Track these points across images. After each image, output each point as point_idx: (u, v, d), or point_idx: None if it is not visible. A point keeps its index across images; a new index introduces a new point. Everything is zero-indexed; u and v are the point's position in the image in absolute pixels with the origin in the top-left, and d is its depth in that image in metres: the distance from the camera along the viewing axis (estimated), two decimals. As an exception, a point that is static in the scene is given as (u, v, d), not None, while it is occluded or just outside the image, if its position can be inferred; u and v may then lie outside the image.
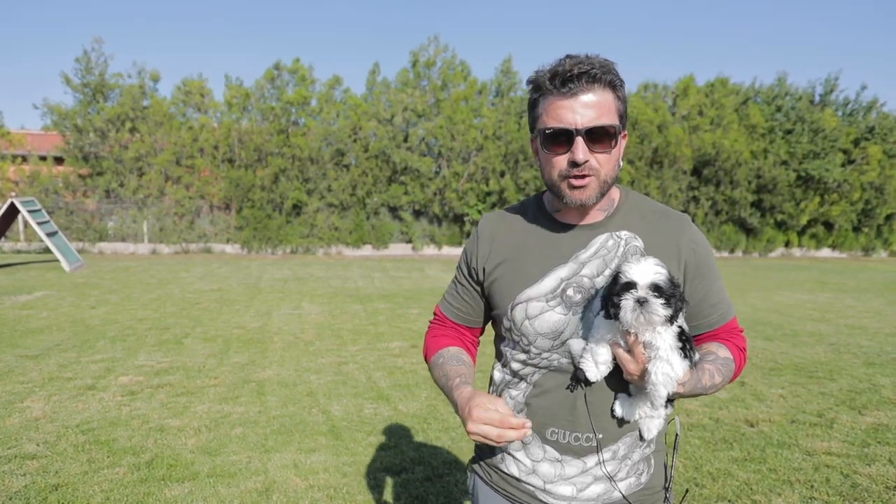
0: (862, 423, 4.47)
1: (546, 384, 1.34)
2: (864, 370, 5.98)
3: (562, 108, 1.23)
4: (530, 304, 1.33)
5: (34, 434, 4.10)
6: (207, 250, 20.91)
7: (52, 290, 10.82)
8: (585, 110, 1.22)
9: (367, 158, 21.00)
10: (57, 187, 20.26)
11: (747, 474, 3.62)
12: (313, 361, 6.19)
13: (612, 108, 1.25)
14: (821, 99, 23.63)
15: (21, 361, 5.96)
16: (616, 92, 1.26)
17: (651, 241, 1.33)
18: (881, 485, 3.47)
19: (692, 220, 1.37)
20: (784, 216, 23.07)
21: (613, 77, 1.24)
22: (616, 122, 1.25)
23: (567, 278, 1.32)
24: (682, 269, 1.32)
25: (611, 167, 1.28)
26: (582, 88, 1.22)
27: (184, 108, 20.88)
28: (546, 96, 1.26)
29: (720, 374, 1.28)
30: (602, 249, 1.33)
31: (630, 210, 1.38)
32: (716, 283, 1.36)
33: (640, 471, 1.37)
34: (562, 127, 1.23)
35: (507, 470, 1.41)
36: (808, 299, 11.11)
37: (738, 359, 1.35)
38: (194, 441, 4.04)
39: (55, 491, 3.31)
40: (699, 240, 1.35)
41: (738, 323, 1.42)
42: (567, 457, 1.33)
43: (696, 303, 1.34)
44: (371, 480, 3.54)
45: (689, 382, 1.23)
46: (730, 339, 1.37)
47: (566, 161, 1.25)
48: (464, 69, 21.88)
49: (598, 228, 1.35)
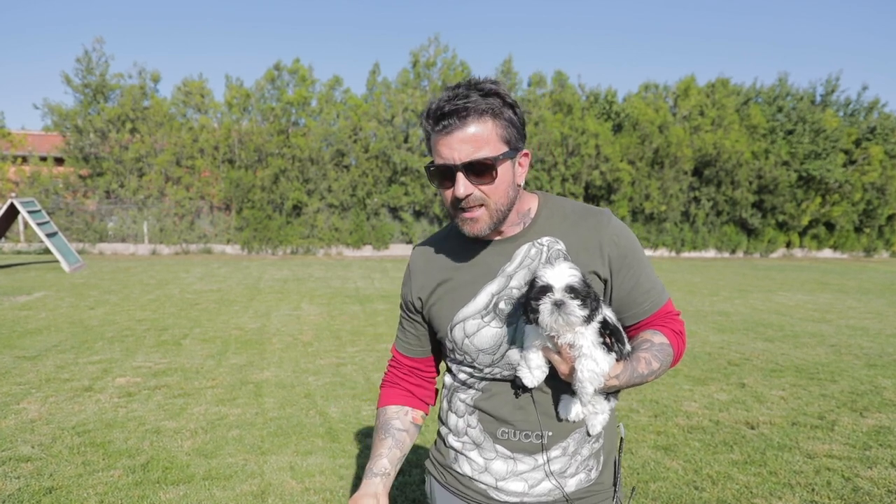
0: (863, 425, 4.44)
1: (493, 389, 1.38)
2: (866, 372, 5.95)
3: (441, 145, 1.24)
4: (467, 322, 1.36)
5: (29, 436, 4.08)
6: (207, 251, 20.89)
7: (51, 291, 10.80)
8: (462, 146, 1.22)
9: (367, 159, 20.98)
10: (57, 188, 20.26)
11: (747, 477, 3.59)
12: (311, 363, 6.16)
13: (493, 136, 1.24)
14: (822, 99, 23.59)
15: (18, 362, 5.94)
16: (497, 119, 1.24)
17: (572, 241, 1.35)
18: (883, 488, 3.43)
19: (614, 215, 1.39)
20: (785, 217, 23.03)
21: (491, 104, 1.23)
22: (496, 152, 1.24)
23: (497, 292, 1.34)
24: (607, 263, 1.33)
25: (500, 195, 1.28)
26: (455, 125, 1.22)
27: (184, 109, 20.88)
28: (430, 134, 1.27)
29: (657, 360, 1.30)
30: (526, 259, 1.35)
31: (549, 216, 1.39)
32: (644, 270, 1.37)
33: (590, 467, 1.39)
34: (442, 163, 1.25)
35: (460, 469, 1.44)
36: (809, 300, 11.07)
37: (676, 343, 1.37)
38: (190, 443, 4.02)
39: (49, 494, 3.28)
40: (621, 232, 1.36)
41: (674, 306, 1.43)
42: (518, 454, 1.36)
43: (627, 292, 1.35)
44: (368, 483, 3.51)
45: (623, 373, 1.25)
46: (665, 324, 1.39)
47: (452, 195, 1.28)
48: (464, 69, 21.86)
49: (519, 239, 1.37)
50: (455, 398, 1.45)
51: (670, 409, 4.79)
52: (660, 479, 3.56)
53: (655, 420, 4.54)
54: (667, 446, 4.04)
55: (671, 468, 3.70)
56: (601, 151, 21.18)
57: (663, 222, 22.66)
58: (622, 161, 21.51)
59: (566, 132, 21.05)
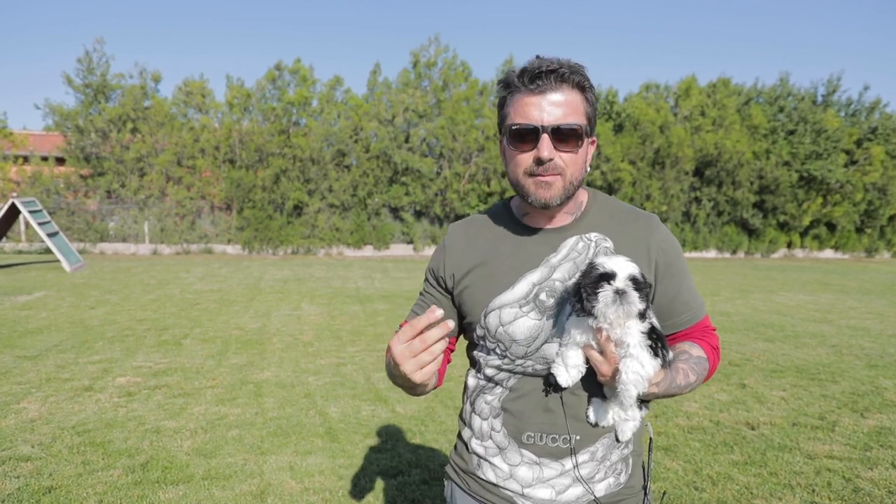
0: (864, 426, 4.43)
1: (522, 388, 1.33)
2: (867, 372, 5.93)
3: (529, 105, 1.22)
4: (504, 310, 1.32)
5: (29, 436, 4.08)
6: (208, 251, 20.90)
7: (51, 291, 10.81)
8: (553, 108, 1.21)
9: (368, 159, 20.99)
10: (58, 188, 20.28)
11: (748, 478, 3.58)
12: (312, 363, 6.16)
13: (580, 108, 1.24)
14: (823, 99, 23.56)
15: (19, 362, 5.94)
16: (585, 94, 1.25)
17: (621, 241, 1.33)
18: (883, 489, 3.43)
19: (662, 220, 1.38)
20: (786, 217, 23.01)
21: (582, 79, 1.24)
22: (583, 122, 1.24)
23: (539, 282, 1.31)
24: (652, 268, 1.31)
25: (577, 168, 1.26)
26: (550, 86, 1.21)
27: (185, 109, 20.90)
28: (514, 94, 1.25)
29: (694, 373, 1.28)
30: (572, 252, 1.32)
31: (599, 212, 1.37)
32: (686, 281, 1.36)
33: (619, 471, 1.36)
34: (528, 124, 1.22)
35: (484, 476, 1.39)
36: (810, 300, 11.05)
37: (712, 357, 1.35)
38: (190, 443, 4.02)
39: (48, 493, 3.28)
40: (668, 239, 1.35)
41: (711, 321, 1.42)
42: (545, 459, 1.32)
43: (668, 301, 1.33)
44: (367, 483, 3.51)
45: (662, 382, 1.22)
46: (703, 337, 1.37)
47: (531, 159, 1.24)
48: (465, 69, 21.87)
49: (567, 231, 1.34)
50: (480, 400, 1.40)
51: (671, 409, 4.78)
52: (660, 480, 3.55)
53: (656, 420, 4.53)
54: (667, 447, 4.03)
55: (671, 469, 3.70)
56: (602, 151, 21.16)
57: (664, 222, 22.53)
58: (623, 161, 21.50)
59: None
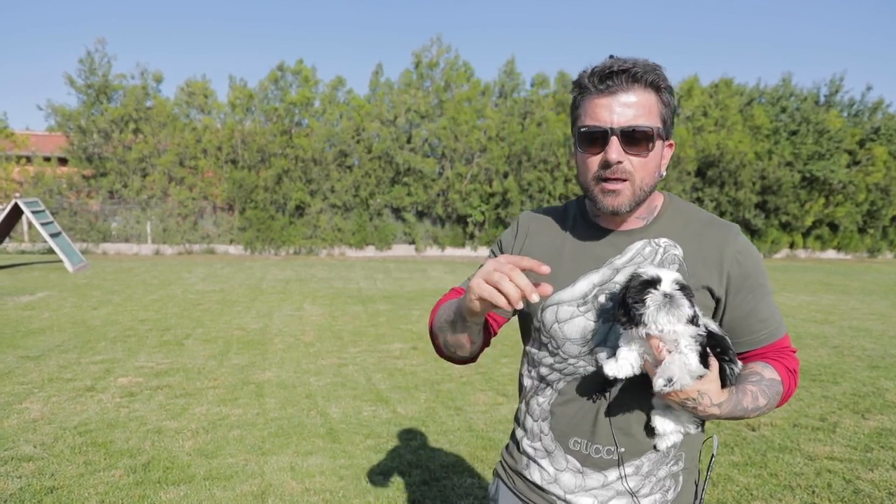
0: (865, 427, 4.42)
1: (571, 392, 1.31)
2: (868, 373, 5.93)
3: (599, 107, 1.19)
4: (561, 307, 1.29)
5: (31, 436, 4.09)
6: (210, 251, 20.93)
7: (54, 291, 10.84)
8: (623, 109, 1.17)
9: (370, 159, 21.00)
10: (60, 188, 20.32)
11: (748, 479, 3.58)
12: (313, 363, 6.17)
13: (654, 110, 1.20)
14: (826, 100, 23.51)
15: (21, 362, 5.96)
16: (660, 94, 1.21)
17: (692, 249, 1.26)
18: (884, 490, 3.42)
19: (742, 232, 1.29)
20: (788, 217, 22.96)
21: (657, 78, 1.19)
22: (656, 124, 1.20)
23: (600, 284, 1.27)
24: (724, 280, 1.24)
25: (647, 173, 1.22)
26: (621, 87, 1.17)
27: (187, 109, 20.92)
28: (586, 95, 1.22)
29: (764, 396, 1.20)
30: (637, 256, 1.28)
31: (672, 217, 1.31)
32: (765, 297, 1.27)
33: (667, 487, 1.31)
34: (596, 125, 1.19)
35: (530, 477, 1.39)
36: (812, 301, 11.04)
37: (788, 381, 1.26)
38: (191, 443, 4.03)
39: (50, 493, 3.30)
40: (746, 250, 1.26)
41: (790, 342, 1.32)
42: (587, 469, 1.30)
43: (743, 317, 1.26)
44: (368, 484, 3.52)
45: (727, 403, 1.15)
46: (779, 359, 1.27)
47: (599, 162, 1.21)
48: (467, 70, 21.87)
49: (636, 234, 1.30)
50: (533, 401, 1.39)
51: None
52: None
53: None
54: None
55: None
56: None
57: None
58: (625, 161, 21.45)
59: (569, 133, 21.01)
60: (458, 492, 3.44)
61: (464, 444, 4.09)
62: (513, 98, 22.06)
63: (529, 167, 20.99)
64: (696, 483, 1.38)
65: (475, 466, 3.77)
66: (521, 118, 21.54)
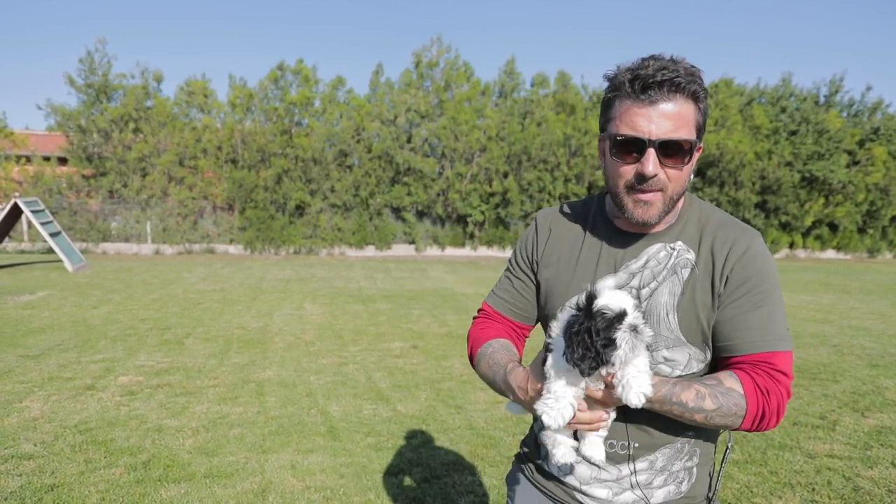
0: (864, 425, 4.43)
1: None
2: (868, 372, 5.93)
3: (637, 115, 1.15)
4: None
5: (32, 434, 4.10)
6: (210, 251, 20.94)
7: (54, 290, 10.84)
8: (662, 120, 1.14)
9: (370, 159, 21.00)
10: (60, 188, 20.32)
11: (748, 477, 3.58)
12: (313, 362, 6.17)
13: (692, 120, 1.18)
14: (825, 100, 23.52)
15: (22, 361, 5.96)
16: (698, 104, 1.19)
17: (704, 251, 1.25)
18: (883, 488, 3.43)
19: (764, 242, 1.26)
20: (788, 217, 22.97)
21: (698, 87, 1.16)
22: (693, 136, 1.18)
23: (615, 288, 1.28)
24: (722, 280, 1.21)
25: (680, 184, 1.21)
26: (663, 97, 1.14)
27: (187, 109, 20.93)
28: (622, 98, 1.18)
29: (714, 400, 1.14)
30: (652, 261, 1.27)
31: (691, 221, 1.30)
32: (760, 308, 1.20)
33: (681, 479, 1.32)
34: (635, 135, 1.16)
35: (547, 467, 1.42)
36: (812, 300, 11.04)
37: (754, 397, 1.15)
38: (192, 441, 4.03)
39: (51, 491, 3.30)
40: (757, 256, 1.22)
41: (788, 366, 1.19)
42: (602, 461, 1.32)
43: (726, 321, 1.21)
44: (368, 482, 3.52)
45: (659, 386, 1.13)
46: (752, 373, 1.18)
47: (634, 172, 1.18)
48: (467, 70, 21.88)
49: (654, 238, 1.29)
50: None
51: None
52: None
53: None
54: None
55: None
56: (604, 152, 21.15)
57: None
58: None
59: (569, 132, 21.03)
60: (458, 489, 3.44)
61: (464, 443, 4.09)
62: (513, 98, 22.06)
63: (529, 167, 20.99)
64: (710, 475, 1.39)
65: (475, 464, 3.77)
66: (521, 118, 21.55)
